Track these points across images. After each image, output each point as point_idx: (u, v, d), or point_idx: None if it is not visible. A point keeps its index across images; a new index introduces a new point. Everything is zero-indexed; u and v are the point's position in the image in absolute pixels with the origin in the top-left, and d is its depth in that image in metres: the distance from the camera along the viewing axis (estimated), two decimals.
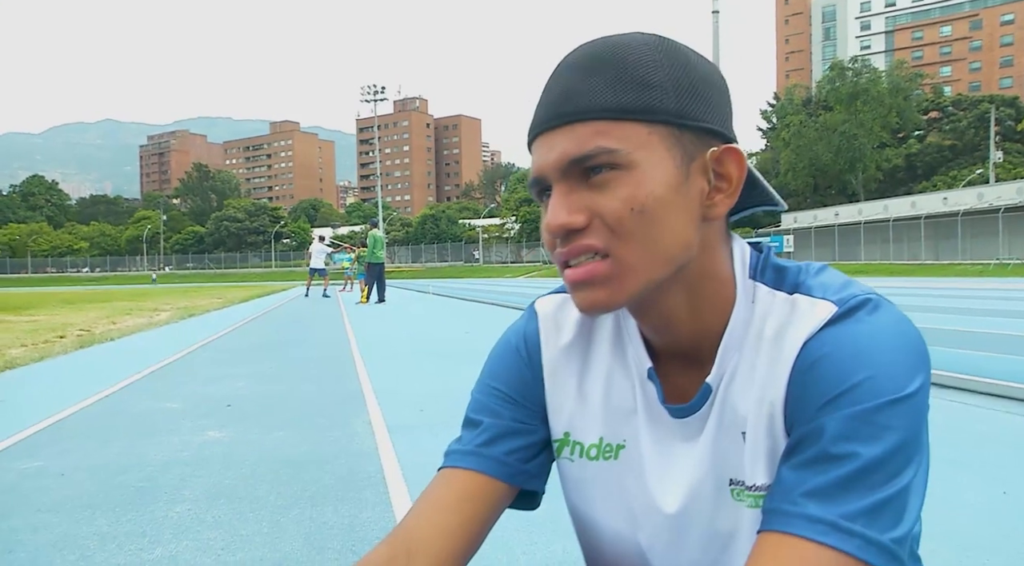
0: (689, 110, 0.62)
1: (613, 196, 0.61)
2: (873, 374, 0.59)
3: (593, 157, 0.61)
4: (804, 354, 0.62)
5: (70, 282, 71.24)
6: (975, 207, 38.43)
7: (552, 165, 0.63)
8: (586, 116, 0.61)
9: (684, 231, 0.63)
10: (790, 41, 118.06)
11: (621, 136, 0.61)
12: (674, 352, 0.71)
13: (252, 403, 4.59)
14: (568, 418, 0.77)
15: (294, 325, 11.73)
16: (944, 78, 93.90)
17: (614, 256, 0.62)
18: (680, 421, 0.70)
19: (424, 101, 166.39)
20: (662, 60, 0.62)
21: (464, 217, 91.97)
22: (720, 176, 0.65)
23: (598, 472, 0.75)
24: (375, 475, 2.92)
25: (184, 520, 2.42)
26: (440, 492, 0.75)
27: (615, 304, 0.64)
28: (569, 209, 0.62)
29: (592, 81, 0.61)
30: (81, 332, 9.70)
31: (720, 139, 0.65)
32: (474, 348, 7.59)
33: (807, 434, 0.60)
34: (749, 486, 0.66)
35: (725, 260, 0.68)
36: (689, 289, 0.66)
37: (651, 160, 0.61)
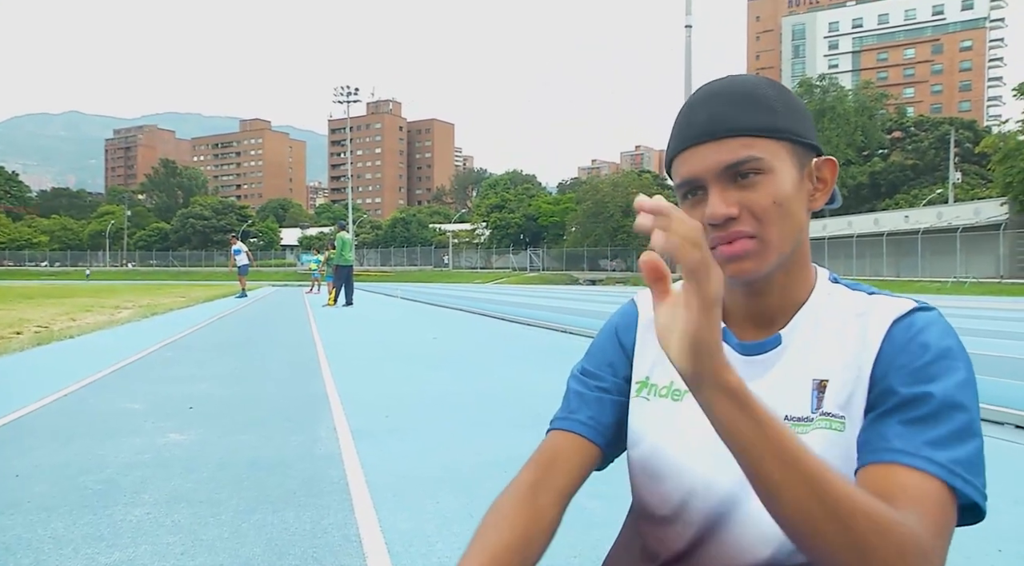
0: (800, 130, 0.83)
1: (761, 193, 0.80)
2: (955, 354, 0.77)
3: (745, 163, 0.80)
4: (895, 330, 0.80)
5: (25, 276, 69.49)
6: (935, 226, 39.36)
7: (710, 169, 0.81)
8: (736, 133, 0.80)
9: (802, 219, 0.84)
10: (760, 57, 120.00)
11: (762, 148, 0.80)
12: (750, 317, 0.88)
13: (215, 405, 4.54)
14: (650, 366, 0.94)
15: (259, 326, 11.61)
16: (907, 99, 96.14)
17: (760, 237, 0.80)
18: (745, 359, 0.86)
19: (398, 104, 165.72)
20: (778, 93, 0.84)
21: (435, 221, 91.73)
22: (819, 179, 0.86)
23: (666, 410, 0.90)
24: (338, 480, 2.92)
25: (143, 524, 2.40)
26: (554, 451, 0.92)
27: (760, 273, 0.82)
28: (727, 203, 0.80)
29: (735, 108, 0.81)
30: (39, 329, 9.49)
31: (816, 151, 0.86)
32: (441, 354, 7.58)
33: (915, 394, 0.75)
34: (818, 415, 0.81)
35: (811, 266, 0.89)
36: (786, 268, 0.85)
37: (783, 167, 0.81)
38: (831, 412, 0.80)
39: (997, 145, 39.51)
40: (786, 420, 0.81)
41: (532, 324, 11.27)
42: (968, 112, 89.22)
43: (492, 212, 76.83)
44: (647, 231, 0.61)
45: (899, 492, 0.70)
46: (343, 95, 64.06)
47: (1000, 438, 3.66)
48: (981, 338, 8.62)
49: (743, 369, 0.83)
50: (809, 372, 0.83)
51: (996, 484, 2.81)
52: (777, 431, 0.65)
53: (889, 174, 60.23)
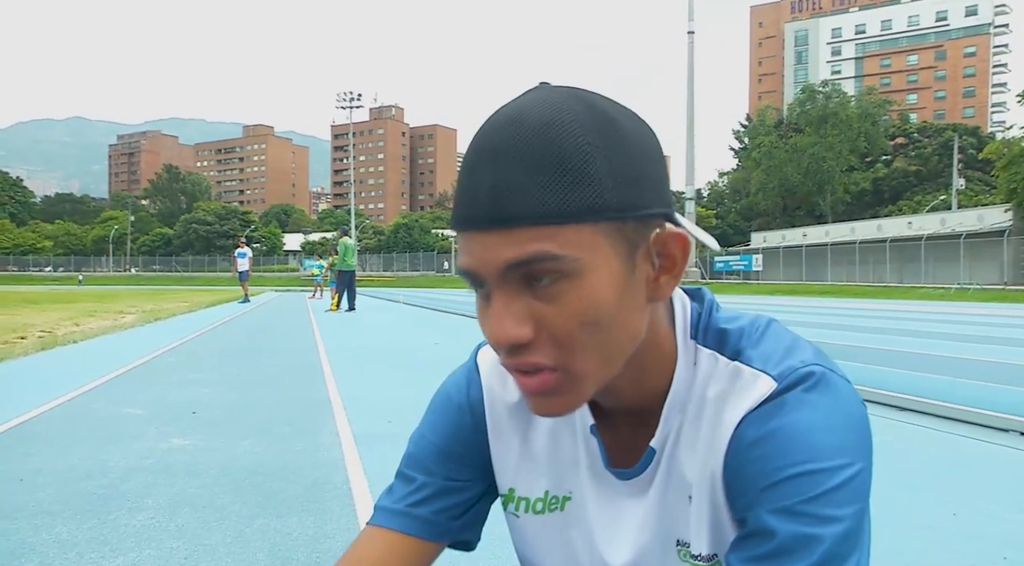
0: (631, 200, 0.57)
1: (561, 309, 0.56)
2: (812, 463, 0.57)
3: (537, 262, 0.55)
4: (741, 432, 0.61)
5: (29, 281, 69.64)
6: (938, 232, 39.33)
7: (490, 268, 0.57)
8: (524, 221, 0.55)
9: (634, 326, 0.61)
10: (763, 63, 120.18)
11: (564, 240, 0.55)
12: (618, 411, 0.70)
13: (218, 410, 4.55)
14: (513, 474, 0.76)
15: (262, 331, 11.62)
16: (910, 105, 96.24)
17: (565, 370, 0.58)
18: (625, 483, 0.70)
19: (400, 109, 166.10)
20: (597, 142, 0.56)
21: (437, 227, 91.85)
22: (664, 256, 0.61)
23: (545, 525, 0.74)
24: (341, 486, 2.92)
25: (146, 528, 2.40)
26: (365, 552, 0.75)
27: (572, 409, 0.62)
28: (515, 320, 0.57)
29: (527, 179, 0.54)
30: (43, 333, 9.51)
31: (661, 217, 0.61)
32: (444, 359, 7.58)
33: (753, 529, 0.59)
34: (695, 554, 0.66)
35: (667, 326, 0.67)
36: (631, 364, 0.64)
37: (597, 263, 0.56)
38: (700, 553, 0.65)
39: (1001, 151, 39.53)
40: (677, 545, 0.67)
41: None
42: (972, 118, 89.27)
43: None
44: None
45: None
46: (346, 101, 64.24)
47: (1005, 445, 3.65)
48: (985, 345, 8.60)
49: (624, 491, 0.70)
50: (684, 486, 0.66)
51: (1001, 491, 2.80)
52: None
53: (892, 180, 60.26)
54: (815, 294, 31.94)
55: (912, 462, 3.29)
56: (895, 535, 2.28)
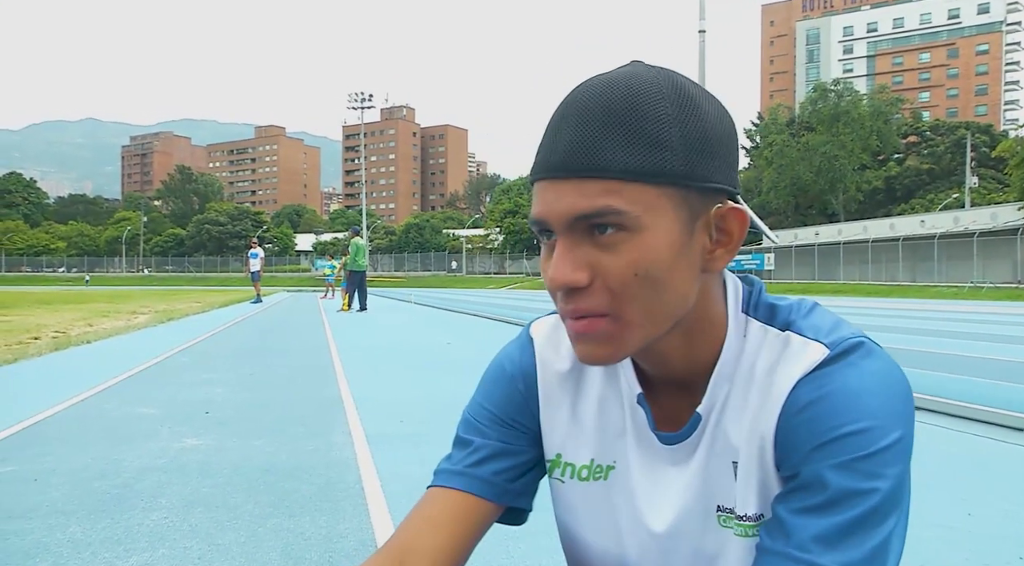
0: (698, 171, 0.61)
1: (619, 258, 0.60)
2: (864, 422, 0.61)
3: (602, 216, 0.59)
4: (795, 395, 0.63)
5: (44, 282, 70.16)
6: (951, 230, 39.02)
7: (559, 216, 0.61)
8: (598, 174, 0.59)
9: (685, 288, 0.63)
10: (775, 62, 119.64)
11: (631, 197, 0.59)
12: (666, 380, 0.72)
13: (231, 410, 4.57)
14: (561, 440, 0.78)
15: (274, 332, 11.67)
16: (923, 103, 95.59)
17: (616, 316, 0.62)
18: (669, 448, 0.72)
19: (411, 110, 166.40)
20: (675, 114, 0.60)
21: (448, 227, 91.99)
22: (722, 231, 0.64)
23: (588, 492, 0.77)
24: (354, 485, 2.93)
25: (160, 528, 2.42)
26: (431, 510, 0.77)
27: (615, 359, 0.64)
28: (574, 265, 0.61)
29: (605, 136, 0.59)
30: (56, 334, 9.59)
31: (725, 194, 0.64)
32: (455, 359, 7.59)
33: (805, 481, 0.62)
34: (740, 515, 0.68)
35: (719, 300, 0.69)
36: (684, 332, 0.67)
37: (658, 222, 0.60)
38: (745, 513, 0.68)
39: (1014, 149, 39.22)
40: (719, 513, 0.69)
41: None
42: (984, 116, 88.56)
43: (506, 217, 76.81)
44: None
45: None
46: (357, 101, 64.38)
47: (1020, 444, 3.62)
48: (999, 344, 8.53)
49: (668, 455, 0.72)
50: (729, 452, 0.69)
51: (1017, 491, 2.78)
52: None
53: (905, 179, 59.85)
54: (828, 293, 31.79)
55: (927, 462, 3.26)
56: (910, 534, 2.25)
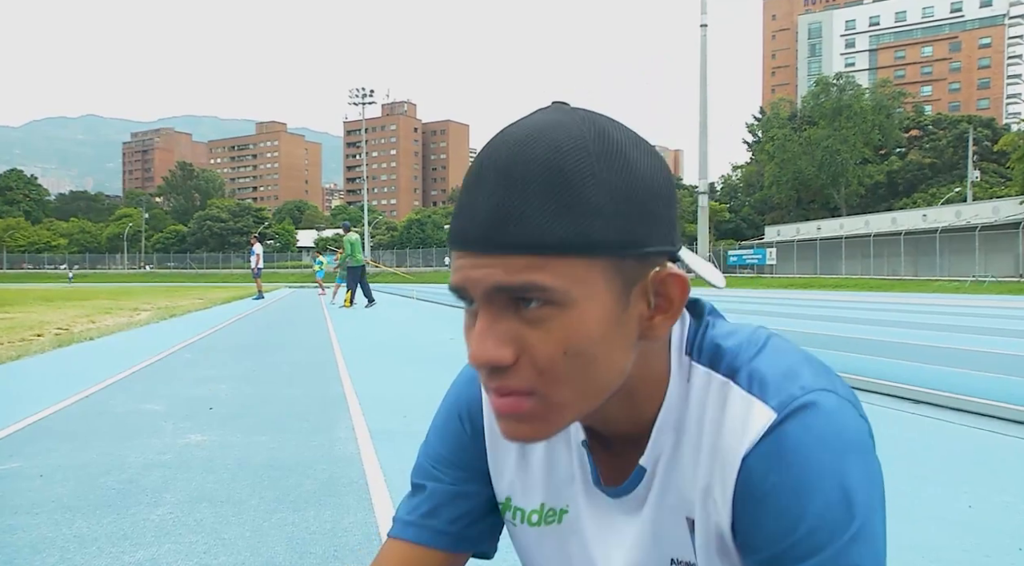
0: (632, 236, 0.56)
1: (546, 335, 0.55)
2: (825, 512, 0.56)
3: (525, 291, 0.54)
4: (748, 470, 0.59)
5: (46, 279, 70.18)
6: (953, 224, 38.97)
7: (480, 287, 0.56)
8: (519, 249, 0.54)
9: (619, 362, 0.59)
10: (776, 56, 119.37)
11: (557, 271, 0.54)
12: (607, 431, 0.69)
13: (234, 406, 4.58)
14: (509, 484, 0.76)
15: (277, 327, 11.69)
16: (925, 97, 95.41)
17: (543, 396, 0.57)
18: (616, 501, 0.69)
19: (412, 105, 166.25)
20: (603, 172, 0.54)
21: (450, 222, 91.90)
22: (661, 295, 0.59)
23: (542, 536, 0.74)
24: (358, 480, 2.94)
25: (166, 523, 2.43)
26: (388, 552, 0.77)
27: (542, 438, 0.60)
28: (497, 341, 0.56)
29: (526, 205, 0.53)
30: (59, 331, 9.61)
31: (664, 255, 0.59)
32: (458, 354, 7.60)
33: (770, 559, 0.58)
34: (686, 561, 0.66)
35: (661, 354, 0.65)
36: (624, 394, 0.63)
37: (588, 295, 0.55)
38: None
39: (1016, 143, 39.12)
40: (672, 564, 0.66)
41: None
42: (987, 110, 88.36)
43: None
44: None
45: None
46: (358, 97, 64.40)
47: (1021, 437, 3.62)
48: (1001, 337, 8.53)
49: (617, 506, 0.69)
50: (680, 507, 0.65)
51: (1017, 484, 2.78)
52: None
53: (907, 173, 59.78)
54: (829, 287, 31.76)
55: (927, 455, 3.27)
56: (910, 527, 2.28)
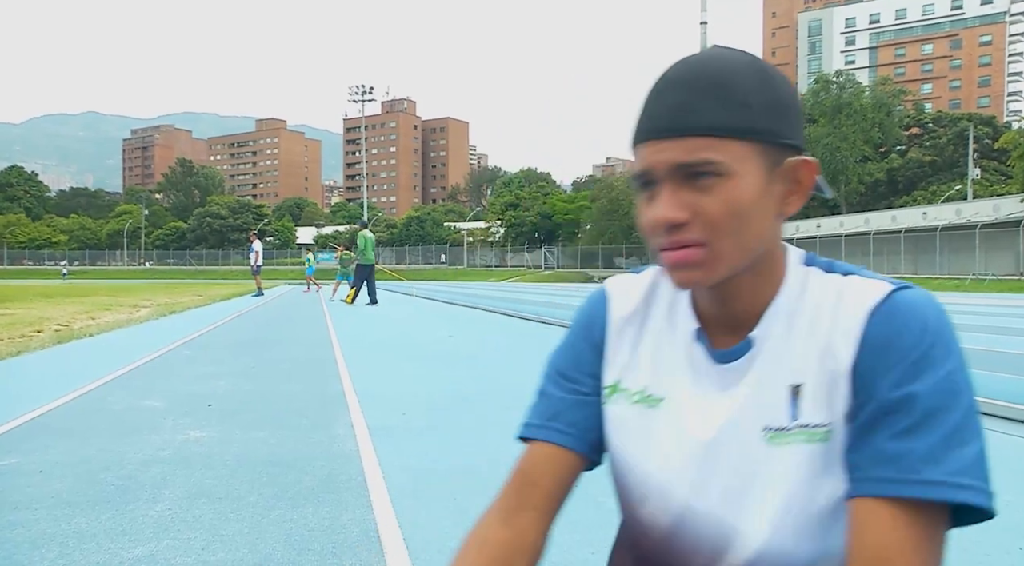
0: (777, 129, 0.74)
1: (715, 199, 0.73)
2: (942, 344, 0.70)
3: (701, 166, 0.72)
4: (871, 326, 0.73)
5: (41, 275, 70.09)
6: (953, 222, 38.96)
7: (664, 166, 0.74)
8: (697, 132, 0.72)
9: (765, 227, 0.76)
10: (776, 53, 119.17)
11: (724, 150, 0.72)
12: (724, 321, 0.82)
13: (233, 402, 4.58)
14: (619, 369, 0.89)
15: (276, 324, 11.69)
16: (925, 95, 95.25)
17: (710, 246, 0.74)
18: (720, 368, 0.81)
19: (412, 102, 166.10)
20: (758, 84, 0.74)
21: (449, 220, 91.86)
22: (794, 180, 0.77)
23: (636, 415, 0.86)
24: (356, 477, 2.94)
25: (164, 519, 2.43)
26: (522, 465, 0.88)
27: (707, 282, 0.76)
28: (676, 206, 0.73)
29: (703, 101, 0.73)
30: (59, 327, 9.61)
31: (796, 149, 0.77)
32: (457, 352, 7.60)
33: (895, 404, 0.70)
34: (797, 426, 0.76)
35: (783, 250, 0.82)
36: (754, 270, 0.78)
37: (746, 170, 0.73)
38: (810, 422, 0.75)
39: (1017, 141, 39.08)
40: (764, 431, 0.77)
41: (547, 322, 11.28)
42: (987, 108, 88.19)
43: (507, 210, 76.86)
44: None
45: (896, 541, 0.67)
46: (358, 94, 64.36)
47: (1020, 436, 3.63)
48: (1001, 336, 8.53)
49: (718, 379, 0.81)
50: (784, 376, 0.77)
51: (1016, 482, 2.77)
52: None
53: (907, 171, 59.68)
54: None
55: None
56: None
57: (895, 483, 0.68)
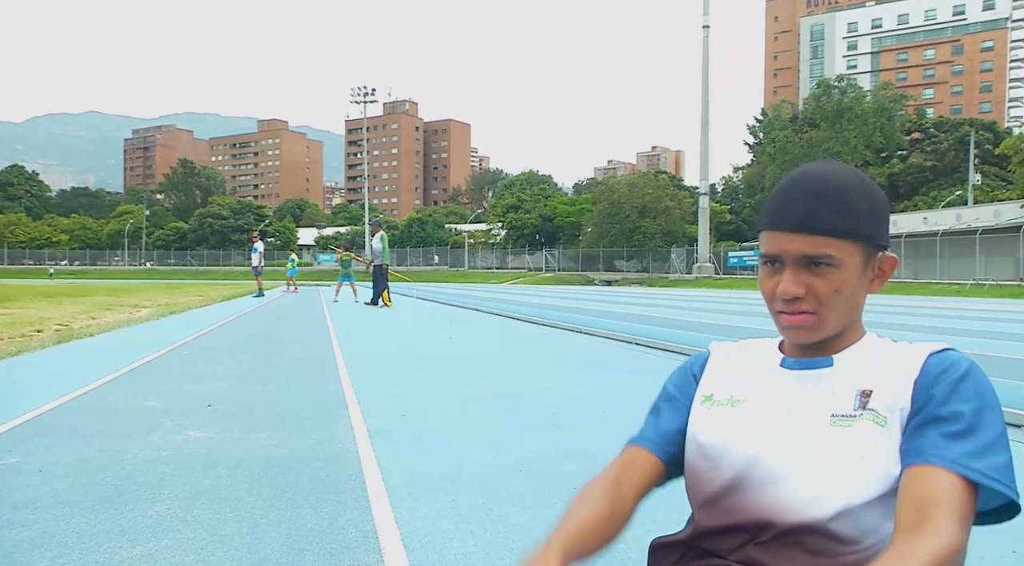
0: (875, 233, 1.00)
1: (827, 282, 0.98)
2: (978, 381, 0.94)
3: (821, 258, 0.97)
4: (932, 360, 0.97)
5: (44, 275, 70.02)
6: (954, 228, 38.95)
7: (791, 255, 0.98)
8: (821, 232, 0.97)
9: (859, 302, 1.03)
10: (778, 58, 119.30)
11: (839, 248, 0.97)
12: (807, 351, 1.05)
13: (233, 403, 4.59)
14: (711, 387, 1.12)
15: (276, 325, 11.69)
16: (927, 100, 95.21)
17: (818, 314, 0.99)
18: (800, 373, 1.04)
19: (414, 104, 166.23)
20: (864, 196, 0.99)
21: (451, 222, 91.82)
22: (880, 270, 1.03)
23: (724, 413, 1.07)
24: (355, 478, 2.95)
25: (164, 519, 2.44)
26: (621, 461, 1.10)
27: (813, 340, 1.01)
28: (797, 284, 0.98)
29: (828, 209, 0.97)
30: (59, 327, 9.61)
31: (884, 247, 1.02)
32: (458, 354, 7.61)
33: (946, 415, 0.91)
34: (860, 414, 0.96)
35: (861, 320, 1.07)
36: (842, 330, 1.03)
37: (851, 262, 0.98)
38: (876, 409, 0.96)
39: (1018, 146, 39.09)
40: (832, 417, 0.97)
41: (548, 324, 11.28)
42: (988, 113, 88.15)
43: (508, 212, 76.80)
44: None
45: (941, 492, 0.86)
46: (360, 95, 64.36)
47: (1017, 441, 3.63)
48: (1001, 341, 8.53)
49: (797, 381, 1.03)
50: (856, 385, 0.99)
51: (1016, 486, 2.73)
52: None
53: (908, 176, 59.65)
54: None
55: None
56: None
57: (944, 459, 0.88)
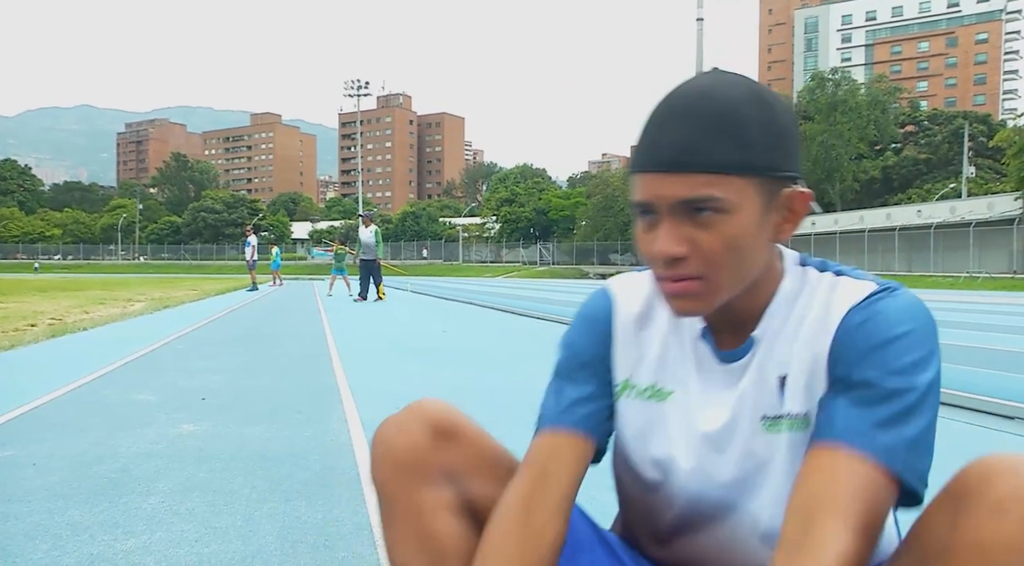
0: (776, 163, 0.76)
1: (714, 235, 0.75)
2: (904, 337, 0.75)
3: (703, 202, 0.74)
4: (848, 317, 0.78)
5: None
6: (948, 220, 39.09)
7: (666, 201, 0.75)
8: (700, 169, 0.74)
9: (760, 256, 0.80)
10: (772, 51, 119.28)
11: (725, 187, 0.74)
12: (727, 320, 0.86)
13: (227, 397, 4.59)
14: (629, 369, 0.93)
15: (270, 319, 11.67)
16: (921, 93, 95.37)
17: (707, 279, 0.77)
18: (725, 367, 0.86)
19: (408, 97, 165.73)
20: (759, 117, 0.75)
21: (445, 215, 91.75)
22: (789, 209, 0.80)
23: (645, 409, 0.91)
24: (349, 471, 2.95)
25: (158, 512, 2.44)
26: (534, 453, 0.90)
27: (704, 312, 0.81)
28: (676, 240, 0.75)
29: (707, 138, 0.73)
30: (53, 321, 9.58)
31: (792, 179, 0.79)
32: (452, 347, 7.61)
33: (858, 382, 0.75)
34: (785, 414, 0.82)
35: (776, 257, 0.85)
36: (751, 284, 0.82)
37: (745, 205, 0.75)
38: (791, 411, 0.81)
39: (1012, 139, 39.12)
40: (763, 420, 0.83)
41: (542, 318, 11.29)
42: (983, 106, 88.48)
43: (502, 206, 76.79)
44: None
45: (841, 477, 0.72)
46: (353, 89, 64.04)
47: (1011, 432, 3.65)
48: (994, 333, 8.57)
49: (723, 376, 0.86)
50: (775, 368, 0.83)
51: None
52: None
53: (902, 168, 59.81)
54: None
55: None
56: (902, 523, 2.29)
57: (846, 433, 0.74)
